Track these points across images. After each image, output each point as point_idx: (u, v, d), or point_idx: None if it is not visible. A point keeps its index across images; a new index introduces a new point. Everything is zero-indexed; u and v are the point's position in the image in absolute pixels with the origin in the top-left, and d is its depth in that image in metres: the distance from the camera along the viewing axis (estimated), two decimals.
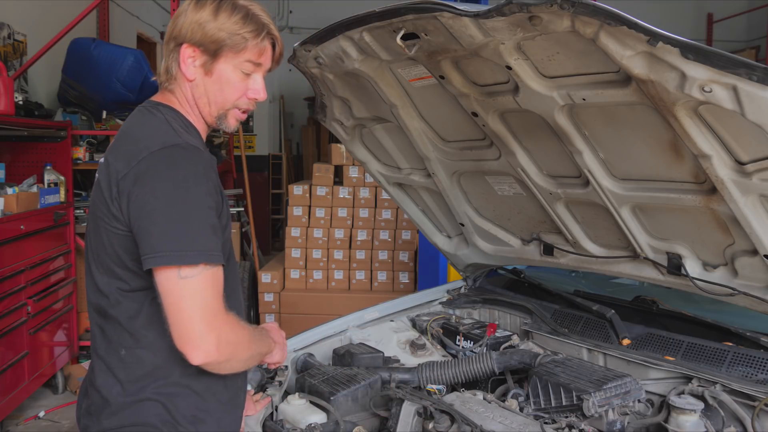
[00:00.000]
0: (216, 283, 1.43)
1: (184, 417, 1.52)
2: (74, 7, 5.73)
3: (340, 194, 6.01)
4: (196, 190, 1.42)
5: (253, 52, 1.55)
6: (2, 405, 3.90)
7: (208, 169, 1.47)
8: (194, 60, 1.54)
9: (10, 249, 4.02)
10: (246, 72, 1.57)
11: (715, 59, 1.51)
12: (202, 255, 1.39)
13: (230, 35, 1.51)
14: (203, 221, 1.41)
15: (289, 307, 5.82)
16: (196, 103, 1.59)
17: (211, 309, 1.41)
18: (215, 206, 1.45)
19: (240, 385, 1.70)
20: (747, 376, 1.95)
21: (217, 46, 1.52)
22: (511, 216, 2.63)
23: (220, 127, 1.63)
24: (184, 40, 1.53)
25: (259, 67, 1.59)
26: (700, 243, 2.09)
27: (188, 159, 1.44)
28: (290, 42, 2.31)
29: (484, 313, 2.91)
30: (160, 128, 1.50)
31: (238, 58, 1.54)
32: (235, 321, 1.48)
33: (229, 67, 1.55)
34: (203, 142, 1.62)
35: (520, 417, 1.91)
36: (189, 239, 1.39)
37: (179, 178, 1.41)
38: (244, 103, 1.61)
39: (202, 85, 1.56)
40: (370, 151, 2.77)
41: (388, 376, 2.18)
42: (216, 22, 1.50)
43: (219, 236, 1.45)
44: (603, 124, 1.94)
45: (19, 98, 4.63)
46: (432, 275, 4.93)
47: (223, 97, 1.58)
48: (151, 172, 1.41)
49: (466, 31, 1.81)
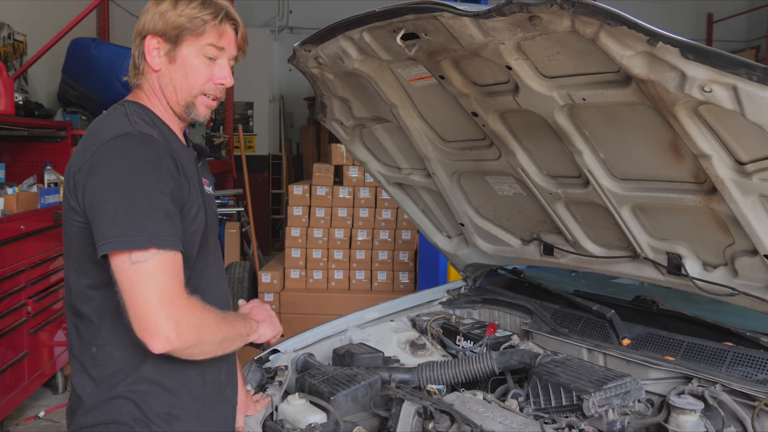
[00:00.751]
0: (171, 267, 1.40)
1: (156, 415, 1.52)
2: (74, 7, 5.74)
3: (340, 194, 6.01)
4: (147, 175, 1.42)
5: (212, 35, 1.58)
6: (2, 405, 3.90)
7: (162, 156, 1.46)
8: (159, 51, 1.58)
9: (10, 249, 4.02)
10: (209, 56, 1.60)
11: (715, 59, 1.51)
12: (152, 239, 1.38)
13: (189, 19, 1.55)
14: (154, 206, 1.40)
15: (289, 307, 5.82)
16: (163, 94, 1.61)
17: (167, 294, 1.38)
18: (170, 192, 1.44)
19: (224, 381, 1.68)
20: (747, 376, 1.95)
21: (178, 32, 1.56)
22: (511, 216, 2.63)
23: (190, 116, 1.64)
24: (148, 32, 1.57)
25: (222, 51, 1.61)
26: (700, 243, 2.09)
27: (139, 146, 1.45)
28: (290, 42, 2.31)
29: (484, 313, 2.91)
30: (116, 121, 1.52)
31: (199, 42, 1.58)
32: (198, 304, 1.45)
33: (192, 52, 1.58)
34: (173, 134, 1.62)
35: (520, 417, 1.91)
36: (138, 224, 1.38)
37: (128, 164, 1.42)
38: (210, 89, 1.63)
39: (168, 74, 1.59)
40: (370, 151, 2.77)
41: (388, 376, 2.18)
42: (176, 10, 1.56)
43: (174, 222, 1.43)
44: (603, 124, 1.94)
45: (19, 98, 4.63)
46: (432, 275, 4.93)
47: (189, 84, 1.60)
48: (102, 162, 1.43)
49: (466, 31, 1.81)
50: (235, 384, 1.78)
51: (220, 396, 1.67)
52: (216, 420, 1.65)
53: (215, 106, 1.68)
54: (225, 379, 1.70)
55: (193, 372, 1.58)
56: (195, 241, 1.57)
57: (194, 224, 1.55)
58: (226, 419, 1.70)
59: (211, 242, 1.68)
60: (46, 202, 4.52)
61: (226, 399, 1.70)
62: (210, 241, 1.67)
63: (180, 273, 1.43)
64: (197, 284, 1.59)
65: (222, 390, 1.68)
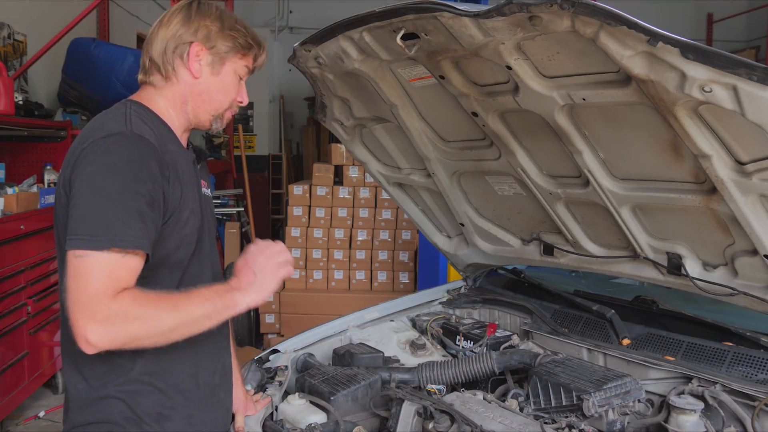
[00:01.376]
0: (117, 268, 1.37)
1: (147, 414, 1.52)
2: (74, 7, 5.73)
3: (340, 194, 6.01)
4: (125, 175, 1.41)
5: (250, 59, 1.69)
6: (2, 405, 3.90)
7: (146, 158, 1.45)
8: (200, 59, 1.62)
9: (10, 249, 4.02)
10: (241, 76, 1.69)
11: (715, 59, 1.51)
12: (113, 241, 1.36)
13: (239, 40, 1.64)
14: (127, 207, 1.39)
15: (289, 307, 5.82)
16: (190, 101, 1.63)
17: (95, 294, 1.34)
18: (147, 194, 1.43)
19: (218, 383, 1.68)
20: (747, 376, 1.95)
21: (227, 49, 1.63)
22: (511, 216, 2.63)
23: (213, 126, 1.69)
24: (194, 39, 1.61)
25: (250, 74, 1.71)
26: (700, 243, 2.09)
27: (125, 146, 1.45)
28: (290, 42, 2.31)
29: (484, 313, 2.91)
30: (113, 119, 1.53)
31: (241, 63, 1.67)
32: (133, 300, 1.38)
33: (233, 68, 1.66)
34: (173, 136, 1.62)
35: (520, 417, 1.91)
36: (103, 225, 1.37)
37: (109, 163, 1.42)
38: (235, 105, 1.71)
39: (206, 84, 1.63)
40: (370, 151, 2.77)
41: (388, 376, 2.18)
42: (224, 27, 1.63)
43: (147, 223, 1.42)
44: (603, 124, 1.94)
45: (19, 98, 4.63)
46: (432, 275, 4.93)
47: (225, 97, 1.67)
48: (87, 159, 1.44)
49: (466, 31, 1.81)
50: (228, 386, 1.77)
51: (213, 398, 1.67)
52: (208, 422, 1.64)
53: None
54: (218, 381, 1.69)
55: (186, 373, 1.58)
56: (187, 244, 1.56)
57: (186, 227, 1.55)
58: (217, 421, 1.70)
59: (207, 245, 1.68)
60: (46, 202, 4.52)
61: (219, 401, 1.70)
62: (205, 243, 1.66)
63: (124, 274, 1.39)
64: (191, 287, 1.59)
65: (215, 392, 1.68)
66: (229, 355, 1.79)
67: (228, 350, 1.79)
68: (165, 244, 1.51)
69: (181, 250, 1.55)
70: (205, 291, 1.50)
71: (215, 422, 1.68)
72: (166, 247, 1.51)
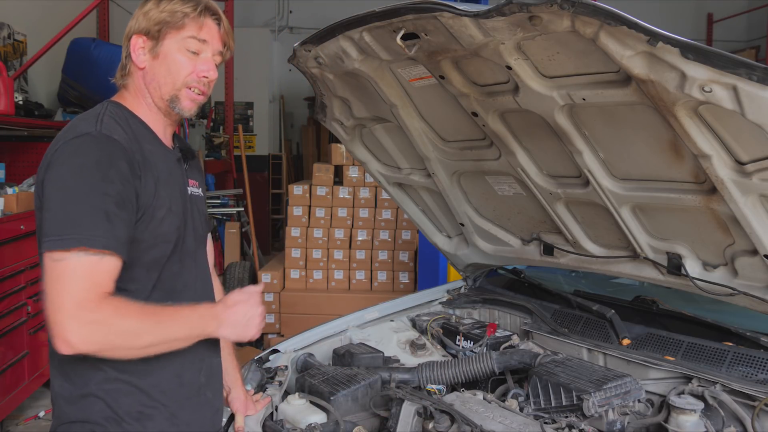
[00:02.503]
0: (92, 270, 1.39)
1: (128, 414, 1.52)
2: (74, 7, 5.74)
3: (340, 194, 6.01)
4: (93, 176, 1.42)
5: (193, 28, 1.60)
6: (2, 405, 3.90)
7: (115, 158, 1.46)
8: (144, 49, 1.61)
9: (10, 249, 4.01)
10: (192, 50, 1.61)
11: (715, 59, 1.51)
12: (81, 241, 1.38)
13: (170, 14, 1.59)
14: (94, 207, 1.40)
15: (289, 307, 5.82)
16: (148, 91, 1.62)
17: (76, 297, 1.36)
18: (115, 194, 1.43)
19: (204, 383, 1.67)
20: (747, 376, 1.95)
21: (160, 27, 1.59)
22: (511, 216, 2.63)
23: (175, 111, 1.63)
24: (133, 32, 1.62)
25: (205, 44, 1.62)
26: (700, 243, 2.09)
27: (93, 146, 1.45)
28: (290, 42, 2.31)
29: (484, 313, 2.91)
30: (86, 120, 1.54)
31: (180, 35, 1.60)
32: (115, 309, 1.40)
33: (174, 46, 1.60)
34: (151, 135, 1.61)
35: (520, 417, 1.91)
36: (71, 224, 1.39)
37: (76, 165, 1.44)
38: (194, 82, 1.62)
39: (152, 70, 1.61)
40: (370, 151, 2.77)
41: (388, 376, 2.18)
42: (158, 8, 1.60)
43: (114, 224, 1.42)
44: (603, 124, 1.94)
45: (19, 98, 4.63)
46: (432, 275, 4.93)
47: (172, 77, 1.61)
48: (57, 161, 1.46)
49: (466, 31, 1.81)
50: (217, 386, 1.76)
51: (199, 398, 1.66)
52: (193, 422, 1.63)
53: (202, 100, 1.66)
54: (204, 381, 1.68)
55: (168, 373, 1.58)
56: (164, 243, 1.56)
57: (163, 226, 1.55)
58: (205, 421, 1.68)
59: (191, 244, 1.66)
60: None
61: (207, 401, 1.69)
62: (187, 242, 1.64)
63: (103, 277, 1.41)
64: (171, 286, 1.59)
65: (201, 392, 1.67)
66: (217, 355, 1.77)
67: (216, 350, 1.77)
68: (139, 242, 1.51)
69: (157, 248, 1.55)
70: (190, 313, 1.53)
71: (202, 422, 1.67)
72: (139, 246, 1.51)
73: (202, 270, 1.74)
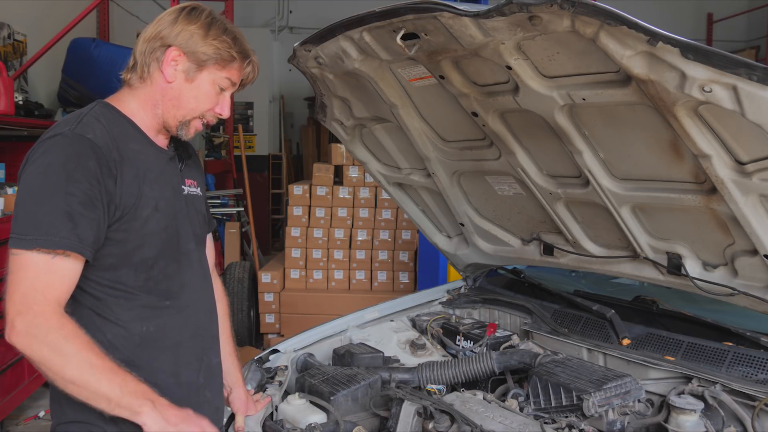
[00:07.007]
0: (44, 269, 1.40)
1: None
2: (74, 7, 5.73)
3: (340, 194, 6.01)
4: (58, 176, 1.43)
5: (234, 72, 1.64)
6: (2, 405, 3.90)
7: (84, 158, 1.45)
8: (177, 64, 1.59)
9: None
10: (221, 88, 1.64)
11: (715, 59, 1.51)
12: (37, 240, 1.39)
13: (221, 51, 1.59)
14: (55, 207, 1.41)
15: (289, 307, 5.83)
16: (161, 104, 1.61)
17: (23, 293, 1.38)
18: (81, 194, 1.43)
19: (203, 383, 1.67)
20: (747, 376, 1.95)
21: (206, 58, 1.59)
22: (511, 216, 2.63)
23: (179, 133, 1.64)
24: (173, 43, 1.58)
25: (234, 85, 1.67)
26: (700, 243, 2.09)
27: (62, 146, 1.46)
28: (290, 42, 2.31)
29: (484, 313, 2.91)
30: (65, 121, 1.54)
31: (220, 74, 1.62)
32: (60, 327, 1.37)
33: (209, 77, 1.62)
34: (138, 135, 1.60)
35: (520, 417, 1.91)
36: (31, 225, 1.41)
37: (44, 164, 1.45)
38: (209, 116, 1.67)
39: (178, 89, 1.61)
40: (370, 151, 2.77)
41: (388, 376, 2.18)
42: (208, 36, 1.59)
43: (80, 223, 1.42)
44: (603, 124, 1.94)
45: (19, 98, 4.63)
46: (432, 275, 4.93)
47: (195, 106, 1.63)
48: (30, 160, 1.49)
49: (466, 31, 1.81)
50: (216, 386, 1.76)
51: (198, 398, 1.66)
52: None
53: (201, 129, 1.70)
54: (203, 381, 1.69)
55: (165, 373, 1.58)
56: (151, 243, 1.55)
57: (148, 226, 1.54)
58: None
59: (186, 244, 1.66)
60: None
61: (206, 401, 1.69)
62: (183, 242, 1.64)
63: (53, 277, 1.41)
64: (166, 288, 1.59)
65: (200, 392, 1.67)
66: (216, 355, 1.77)
67: (215, 350, 1.77)
68: (123, 242, 1.51)
69: (144, 249, 1.55)
70: (129, 382, 1.42)
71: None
72: (124, 246, 1.51)
73: (202, 270, 1.74)
